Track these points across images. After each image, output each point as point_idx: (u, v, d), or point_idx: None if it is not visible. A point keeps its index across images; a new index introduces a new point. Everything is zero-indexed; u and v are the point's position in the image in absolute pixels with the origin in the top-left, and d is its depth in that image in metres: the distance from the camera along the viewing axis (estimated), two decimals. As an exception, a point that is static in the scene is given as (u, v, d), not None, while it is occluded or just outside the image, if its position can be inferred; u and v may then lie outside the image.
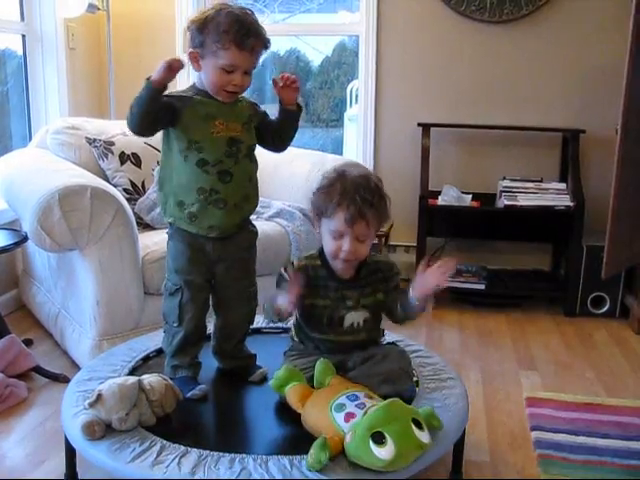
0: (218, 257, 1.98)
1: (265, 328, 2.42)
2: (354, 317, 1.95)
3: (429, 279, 1.85)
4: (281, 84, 1.94)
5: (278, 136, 2.05)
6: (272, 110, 2.06)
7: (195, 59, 1.89)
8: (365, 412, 1.61)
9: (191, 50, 1.88)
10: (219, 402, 1.97)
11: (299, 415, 1.76)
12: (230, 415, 1.90)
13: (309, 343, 2.01)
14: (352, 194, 1.81)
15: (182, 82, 3.93)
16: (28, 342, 2.93)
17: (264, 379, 2.05)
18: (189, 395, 1.91)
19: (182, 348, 2.01)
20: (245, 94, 1.99)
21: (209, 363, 2.12)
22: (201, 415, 1.89)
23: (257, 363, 2.14)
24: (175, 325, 1.99)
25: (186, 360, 2.02)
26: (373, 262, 1.99)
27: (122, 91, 3.97)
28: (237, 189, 1.94)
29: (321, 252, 1.95)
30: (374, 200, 1.84)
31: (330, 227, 1.85)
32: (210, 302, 2.08)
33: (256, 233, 2.10)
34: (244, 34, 1.82)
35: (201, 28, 1.84)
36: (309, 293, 1.90)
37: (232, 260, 2.01)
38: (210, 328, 2.13)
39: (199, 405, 1.92)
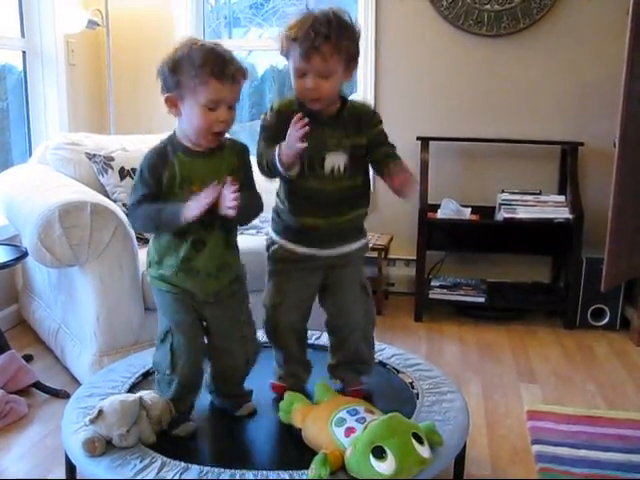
0: (204, 300, 1.84)
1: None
2: (334, 159, 1.85)
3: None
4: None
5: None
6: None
7: (173, 104, 1.74)
8: (365, 426, 1.61)
9: (167, 95, 1.74)
10: (219, 419, 1.96)
11: (299, 430, 1.76)
12: (230, 431, 1.90)
13: (291, 215, 1.91)
14: (306, 29, 1.74)
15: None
16: (28, 358, 2.93)
17: (252, 413, 1.96)
18: (174, 433, 1.81)
19: (179, 397, 1.84)
20: (235, 130, 1.86)
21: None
22: (201, 432, 1.88)
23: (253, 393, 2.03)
24: (168, 373, 1.83)
25: (183, 409, 1.86)
26: (354, 106, 1.93)
27: (122, 107, 3.99)
28: (211, 259, 1.79)
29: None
30: (330, 33, 1.74)
31: (291, 66, 1.80)
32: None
33: (245, 271, 1.95)
34: (222, 64, 1.68)
35: (174, 68, 1.70)
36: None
37: (221, 301, 1.86)
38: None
39: (200, 423, 1.91)
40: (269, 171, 1.83)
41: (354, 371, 2.10)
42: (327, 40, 1.74)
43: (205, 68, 1.66)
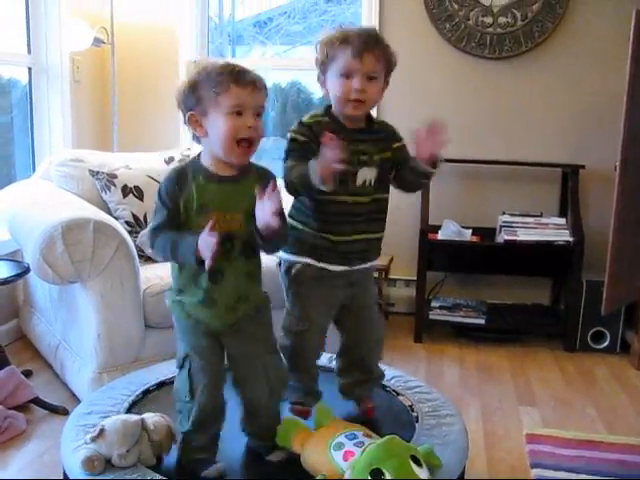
0: (222, 330, 1.78)
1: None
2: (366, 174, 1.86)
3: (424, 147, 1.81)
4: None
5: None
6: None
7: (196, 123, 1.69)
8: (364, 450, 1.61)
9: (190, 113, 1.69)
10: (219, 445, 1.95)
11: (299, 456, 1.75)
12: (230, 455, 1.89)
13: (312, 222, 1.88)
14: (355, 32, 1.81)
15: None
16: (28, 373, 2.93)
17: (284, 460, 1.82)
18: (203, 475, 1.72)
19: (200, 425, 1.75)
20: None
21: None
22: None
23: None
24: (187, 400, 1.75)
25: (203, 440, 1.77)
26: (378, 122, 1.99)
27: (125, 124, 4.01)
28: (229, 290, 1.73)
29: (327, 109, 1.89)
30: (379, 38, 1.85)
31: (338, 67, 1.81)
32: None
33: (267, 299, 1.86)
34: (240, 70, 1.67)
35: (193, 86, 1.68)
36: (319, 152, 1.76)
37: (238, 330, 1.79)
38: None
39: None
40: (300, 186, 1.79)
41: (369, 388, 2.11)
42: (378, 43, 1.83)
43: (224, 76, 1.65)
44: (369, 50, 1.80)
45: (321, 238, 1.88)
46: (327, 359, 2.42)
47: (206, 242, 1.58)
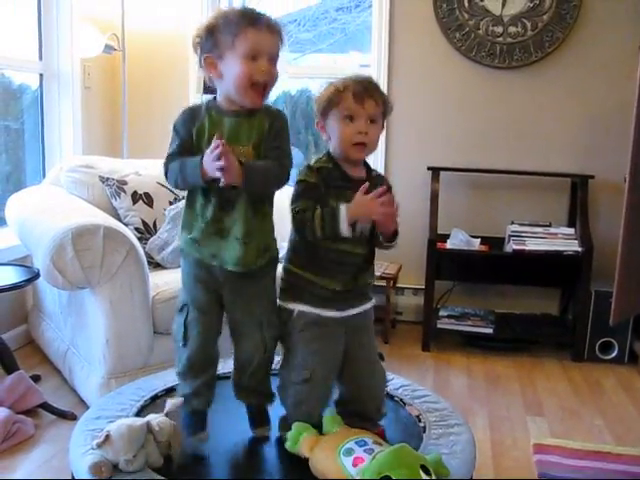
0: (225, 280, 1.82)
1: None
2: (362, 224, 1.85)
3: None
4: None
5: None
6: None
7: (212, 65, 1.75)
8: (373, 457, 1.61)
9: (206, 55, 1.75)
10: (226, 445, 1.96)
11: (307, 460, 1.75)
12: (238, 460, 1.89)
13: (312, 269, 1.86)
14: (354, 79, 1.85)
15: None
16: (36, 378, 2.94)
17: (266, 438, 1.93)
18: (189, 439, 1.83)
19: (189, 370, 1.86)
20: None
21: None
22: (208, 458, 1.88)
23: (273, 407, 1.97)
24: (181, 345, 1.86)
25: (195, 385, 1.86)
26: (375, 172, 1.98)
27: (135, 130, 4.03)
28: (239, 221, 1.76)
29: (329, 155, 1.88)
30: (377, 86, 1.88)
31: (341, 111, 1.83)
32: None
33: (277, 250, 1.90)
34: (256, 14, 1.73)
35: (211, 30, 1.74)
36: (325, 197, 1.80)
37: (241, 284, 1.83)
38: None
39: (206, 448, 1.90)
40: (320, 229, 1.78)
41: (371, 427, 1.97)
42: (377, 89, 1.87)
43: (241, 20, 1.71)
44: (369, 96, 1.83)
45: (320, 286, 1.86)
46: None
47: (210, 158, 1.64)
